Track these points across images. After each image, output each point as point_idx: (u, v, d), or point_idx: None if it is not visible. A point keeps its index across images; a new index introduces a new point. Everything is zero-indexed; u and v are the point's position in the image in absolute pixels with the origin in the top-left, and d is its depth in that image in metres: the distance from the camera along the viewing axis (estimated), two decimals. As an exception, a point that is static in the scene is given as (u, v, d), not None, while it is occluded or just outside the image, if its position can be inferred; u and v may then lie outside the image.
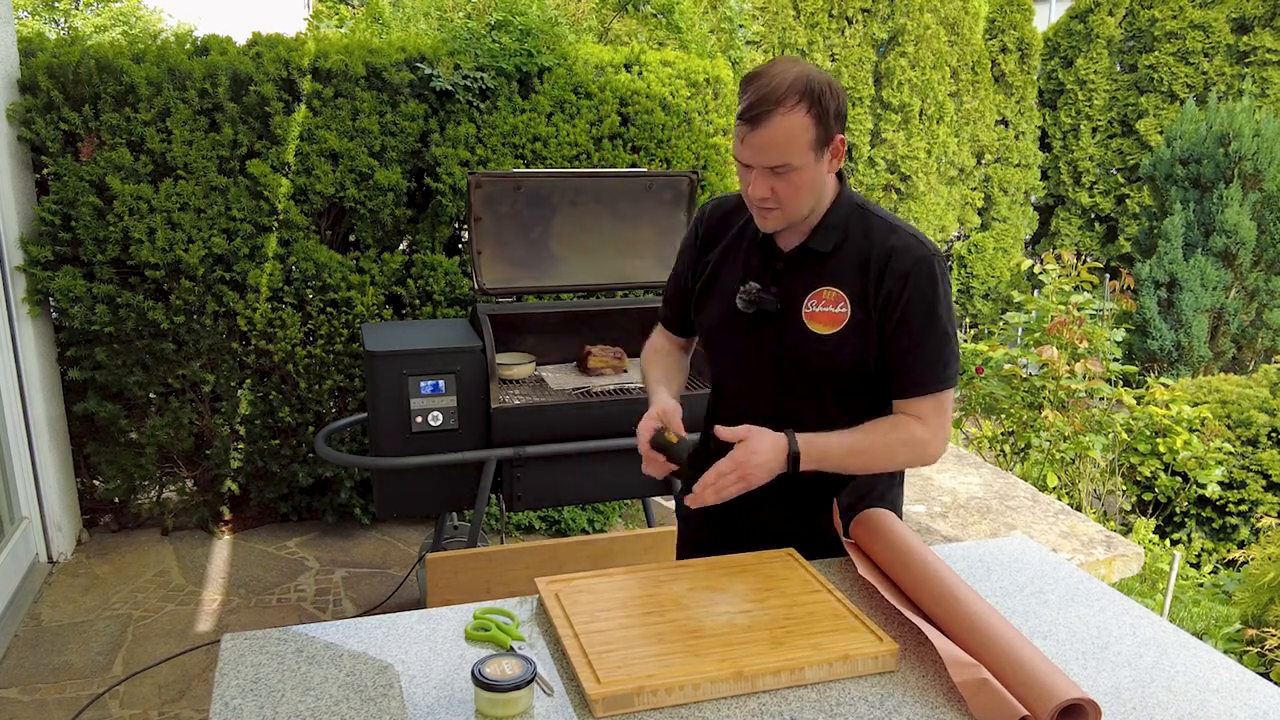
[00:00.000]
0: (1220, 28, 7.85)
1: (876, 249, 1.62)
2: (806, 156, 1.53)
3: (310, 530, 4.09)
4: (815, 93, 1.50)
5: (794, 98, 1.49)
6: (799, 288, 1.65)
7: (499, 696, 1.24)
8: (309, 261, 3.72)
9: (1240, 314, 6.82)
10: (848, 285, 1.62)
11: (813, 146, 1.53)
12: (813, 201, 1.61)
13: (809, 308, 1.64)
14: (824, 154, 1.56)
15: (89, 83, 3.48)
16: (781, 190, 1.55)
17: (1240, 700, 1.33)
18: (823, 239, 1.64)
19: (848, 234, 1.64)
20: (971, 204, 8.20)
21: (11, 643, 3.17)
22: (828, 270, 1.64)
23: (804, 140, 1.51)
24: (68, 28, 15.00)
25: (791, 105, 1.49)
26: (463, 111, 3.81)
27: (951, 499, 3.46)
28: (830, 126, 1.53)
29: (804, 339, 1.64)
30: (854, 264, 1.63)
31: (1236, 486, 4.48)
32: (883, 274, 1.60)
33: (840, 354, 1.63)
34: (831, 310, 1.62)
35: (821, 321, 1.63)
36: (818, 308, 1.63)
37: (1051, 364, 4.53)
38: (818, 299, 1.64)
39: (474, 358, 2.77)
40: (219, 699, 1.29)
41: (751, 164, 1.55)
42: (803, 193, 1.57)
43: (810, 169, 1.55)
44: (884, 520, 1.70)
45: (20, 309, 3.52)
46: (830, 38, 7.28)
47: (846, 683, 1.36)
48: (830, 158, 1.57)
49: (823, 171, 1.58)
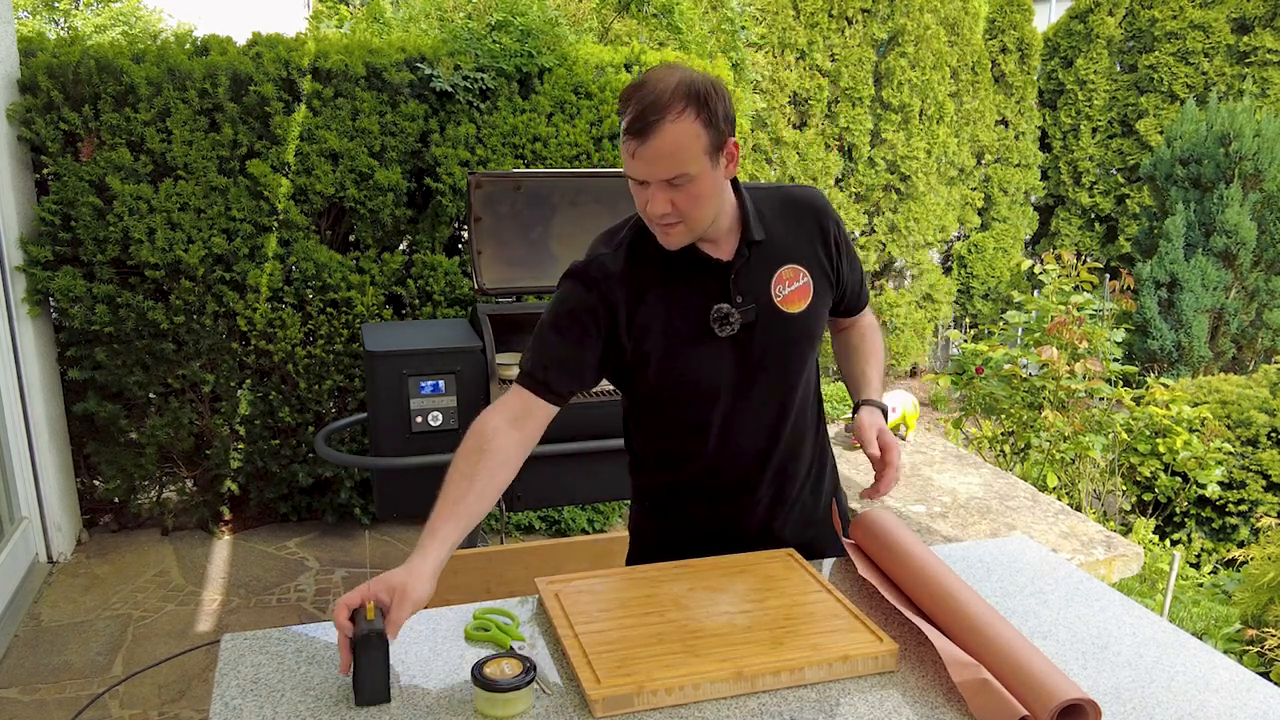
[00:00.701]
0: (1220, 28, 7.84)
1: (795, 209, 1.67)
2: (702, 163, 1.45)
3: (310, 530, 4.09)
4: (701, 96, 1.43)
5: (680, 104, 1.41)
6: (760, 283, 1.62)
7: (499, 696, 1.24)
8: (309, 261, 3.72)
9: (1240, 314, 6.82)
10: (798, 255, 1.65)
11: (707, 152, 1.46)
12: (715, 210, 1.53)
13: (778, 295, 1.62)
14: (719, 159, 1.49)
15: (89, 83, 3.48)
16: (681, 203, 1.48)
17: (1240, 700, 1.33)
18: (755, 229, 1.60)
19: (764, 214, 1.63)
20: (971, 204, 8.20)
21: (11, 643, 3.17)
22: (775, 252, 1.63)
23: (696, 147, 1.44)
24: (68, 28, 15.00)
25: (679, 112, 1.41)
26: (463, 112, 3.81)
27: (951, 499, 3.46)
28: (721, 130, 1.47)
29: (786, 327, 1.63)
30: (791, 233, 1.65)
31: (1236, 486, 4.48)
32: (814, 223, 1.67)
33: (815, 324, 1.67)
34: (796, 285, 1.64)
35: (794, 301, 1.63)
36: (786, 291, 1.63)
37: (1051, 364, 4.52)
38: (781, 282, 1.63)
39: (474, 358, 2.77)
40: (219, 699, 1.29)
41: (647, 179, 1.46)
42: (704, 202, 1.49)
43: (707, 176, 1.47)
44: (884, 520, 1.70)
45: (20, 309, 3.52)
46: (830, 38, 7.28)
47: (846, 683, 1.36)
48: (726, 163, 1.51)
49: (719, 178, 1.51)
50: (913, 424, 4.39)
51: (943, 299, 8.07)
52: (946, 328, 8.62)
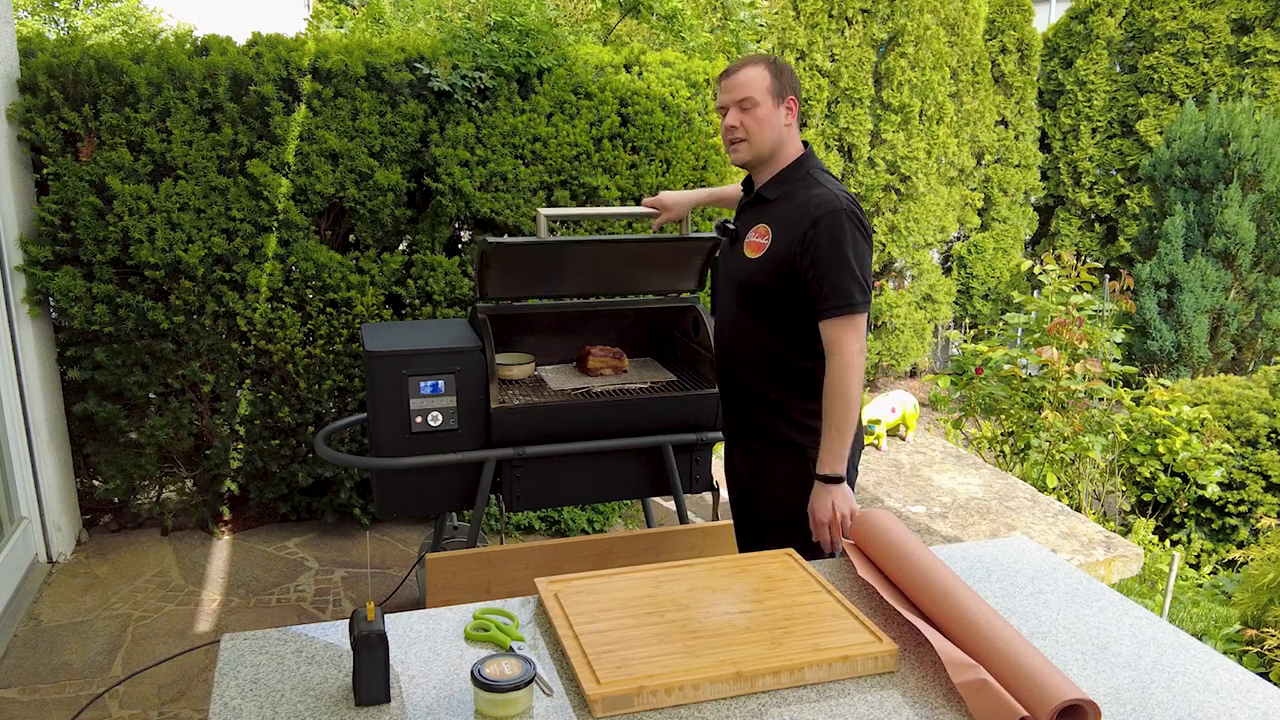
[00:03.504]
0: (1220, 28, 7.85)
1: (803, 201, 2.10)
2: (766, 97, 2.09)
3: (310, 530, 4.09)
4: (774, 60, 2.11)
5: (757, 60, 2.11)
6: (747, 224, 2.22)
7: (498, 697, 1.24)
8: (309, 261, 3.72)
9: (1240, 315, 6.82)
10: (775, 225, 2.14)
11: (771, 92, 2.09)
12: (773, 142, 2.13)
13: (748, 238, 2.20)
14: (780, 105, 2.11)
15: (89, 83, 3.48)
16: (747, 123, 2.11)
17: (1240, 701, 1.33)
18: (770, 189, 2.19)
19: (793, 189, 2.15)
20: (971, 204, 8.20)
21: (11, 643, 3.17)
22: (767, 212, 2.18)
23: (763, 84, 2.09)
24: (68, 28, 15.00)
25: (755, 62, 2.11)
26: (462, 112, 3.81)
27: (951, 499, 3.46)
28: (784, 86, 2.11)
29: (742, 261, 2.20)
30: (786, 211, 2.13)
31: (1236, 487, 4.48)
32: (802, 219, 2.08)
33: (757, 275, 2.16)
34: (759, 240, 2.16)
35: (752, 249, 2.18)
36: (751, 238, 2.19)
37: (1051, 365, 4.53)
38: (755, 232, 2.19)
39: (474, 358, 2.77)
40: (218, 699, 1.29)
41: (725, 104, 2.12)
42: (764, 128, 2.11)
43: (769, 109, 2.10)
44: (883, 521, 1.70)
45: (20, 309, 3.52)
46: (830, 38, 7.28)
47: (846, 683, 1.36)
48: (786, 112, 2.13)
49: (780, 119, 2.12)
50: (913, 424, 4.39)
51: (942, 299, 8.07)
52: (946, 328, 8.62)
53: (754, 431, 2.28)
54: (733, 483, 2.43)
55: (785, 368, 2.19)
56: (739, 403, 2.30)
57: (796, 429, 2.20)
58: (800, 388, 2.19)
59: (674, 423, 2.92)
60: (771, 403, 2.22)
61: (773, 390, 2.21)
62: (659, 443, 2.92)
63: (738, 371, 2.27)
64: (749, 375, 2.24)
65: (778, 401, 2.21)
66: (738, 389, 2.29)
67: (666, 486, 3.01)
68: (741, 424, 2.31)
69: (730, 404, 2.35)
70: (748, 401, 2.27)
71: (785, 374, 2.19)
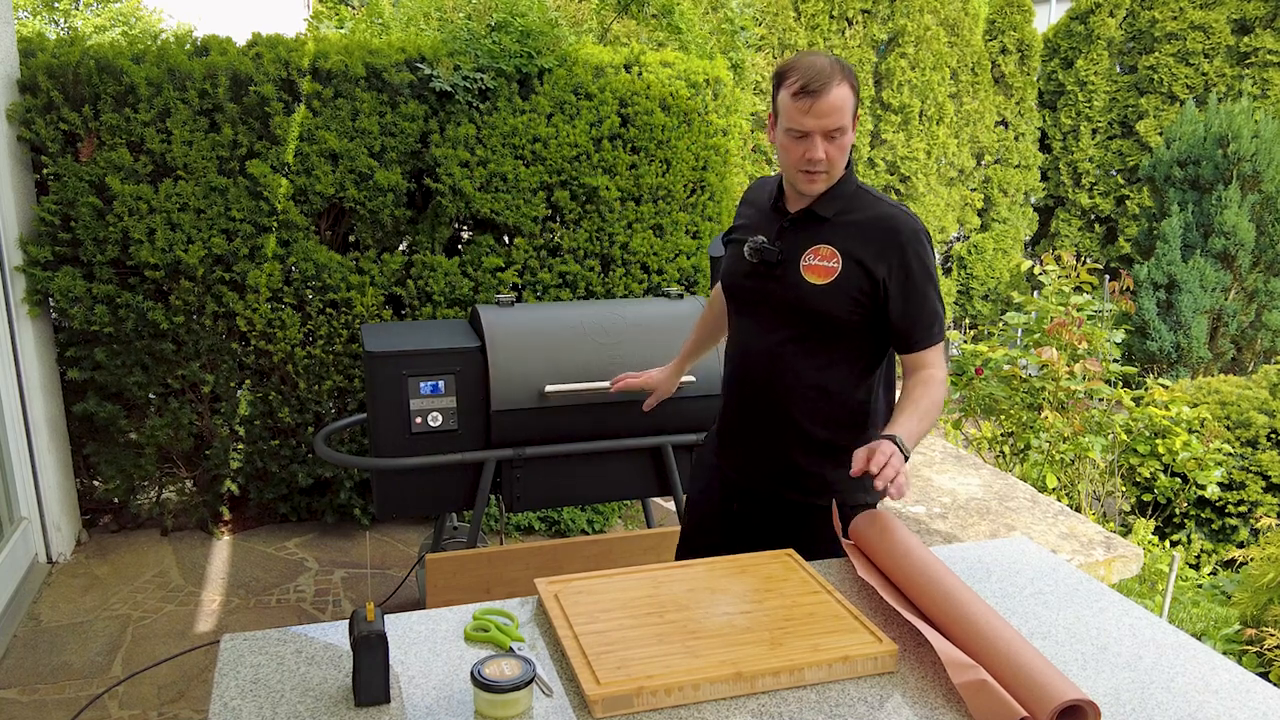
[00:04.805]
0: (1220, 29, 7.85)
1: (873, 221, 1.89)
2: (851, 123, 1.83)
3: (310, 531, 4.09)
4: (849, 73, 1.82)
5: (840, 74, 1.79)
6: (800, 244, 1.93)
7: (498, 697, 1.24)
8: (309, 262, 3.72)
9: (1239, 315, 6.82)
10: (843, 246, 1.89)
11: (853, 116, 1.84)
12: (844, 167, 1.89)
13: (807, 261, 1.91)
14: (854, 125, 1.85)
15: (89, 83, 3.48)
16: (832, 153, 1.83)
17: (1239, 701, 1.33)
18: (825, 205, 1.91)
19: (849, 205, 1.91)
20: (971, 205, 8.20)
21: (10, 643, 3.17)
22: (826, 231, 1.91)
23: (849, 109, 1.82)
24: (68, 28, 14.99)
25: (840, 79, 1.78)
26: (463, 112, 3.81)
27: (951, 500, 3.46)
28: (858, 104, 1.85)
29: (798, 286, 1.91)
30: (853, 230, 1.89)
31: (1236, 488, 4.48)
32: (884, 243, 1.87)
33: (828, 302, 1.89)
34: (826, 264, 1.90)
35: (817, 273, 1.90)
36: (814, 261, 1.91)
37: (1051, 365, 4.53)
38: (815, 254, 1.91)
39: (474, 358, 2.77)
40: (218, 699, 1.29)
41: (814, 130, 1.80)
42: (845, 156, 1.86)
43: (850, 135, 1.85)
44: (883, 521, 1.70)
45: (20, 309, 3.52)
46: (830, 39, 7.29)
47: (846, 684, 1.36)
48: (853, 130, 1.87)
49: (851, 140, 1.86)
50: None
51: (942, 300, 8.07)
52: (946, 328, 8.62)
53: (794, 479, 1.99)
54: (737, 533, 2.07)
55: (846, 404, 1.96)
56: (776, 446, 2.00)
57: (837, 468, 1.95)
58: (854, 425, 1.97)
59: (674, 423, 2.92)
60: (819, 444, 1.97)
61: (824, 429, 1.96)
62: (659, 443, 2.92)
63: (784, 410, 1.97)
64: (800, 414, 1.95)
65: (827, 442, 1.96)
66: (779, 431, 1.98)
67: (666, 486, 3.01)
68: (777, 471, 2.01)
69: (759, 449, 2.03)
70: (793, 445, 1.98)
71: (844, 411, 1.97)
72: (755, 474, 2.04)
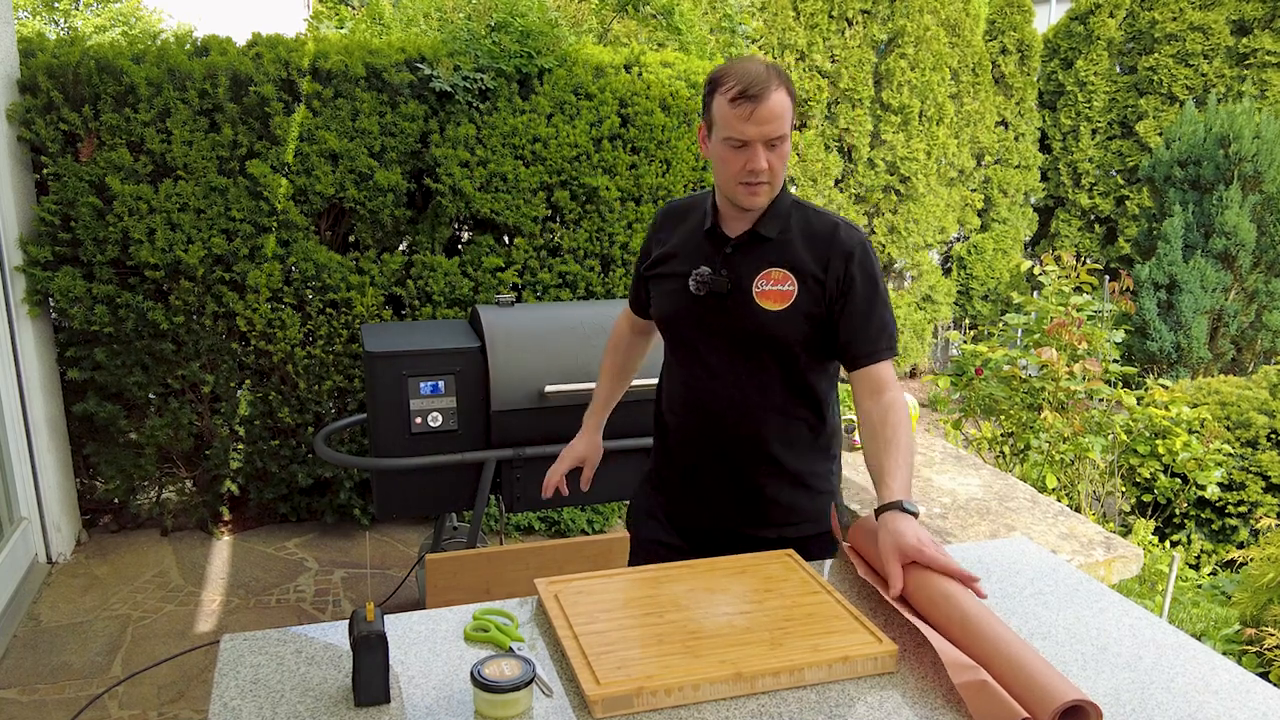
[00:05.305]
0: (1220, 30, 7.85)
1: (815, 235, 1.79)
2: (790, 130, 1.72)
3: (309, 531, 4.09)
4: (786, 79, 1.71)
5: (777, 79, 1.68)
6: (748, 270, 1.80)
7: (498, 697, 1.24)
8: (309, 262, 3.72)
9: (1240, 316, 6.82)
10: (793, 265, 1.78)
11: (791, 123, 1.72)
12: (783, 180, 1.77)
13: (759, 287, 1.79)
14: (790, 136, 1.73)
15: (89, 83, 3.48)
16: (774, 162, 1.71)
17: (1240, 701, 1.33)
18: (768, 225, 1.79)
19: (789, 221, 1.81)
20: (971, 205, 8.20)
21: (10, 643, 3.17)
22: (773, 252, 1.80)
23: (789, 116, 1.71)
24: (68, 28, 14.99)
25: (778, 84, 1.68)
26: (462, 112, 3.81)
27: (951, 500, 3.46)
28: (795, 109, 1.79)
29: (754, 314, 1.79)
30: (800, 247, 1.79)
31: (1236, 488, 4.47)
32: (829, 258, 1.77)
33: (786, 327, 1.79)
34: (780, 288, 1.79)
35: (772, 299, 1.79)
36: (768, 286, 1.79)
37: (1051, 365, 4.52)
38: (767, 279, 1.79)
39: (474, 358, 2.77)
40: (218, 699, 1.29)
41: (755, 139, 1.68)
42: (785, 166, 1.75)
43: (788, 144, 1.73)
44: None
45: (20, 309, 3.52)
46: (830, 39, 7.29)
47: (846, 684, 1.36)
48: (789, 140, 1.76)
49: (789, 150, 1.75)
50: (912, 425, 4.39)
51: (942, 300, 8.07)
52: (946, 329, 8.62)
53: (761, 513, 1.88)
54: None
55: (812, 430, 1.88)
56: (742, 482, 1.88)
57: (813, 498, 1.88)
58: (820, 450, 1.90)
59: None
60: (789, 474, 1.86)
61: (795, 458, 1.86)
62: (659, 443, 2.91)
63: (753, 443, 1.85)
64: (770, 444, 1.84)
65: (795, 472, 1.86)
66: (745, 464, 1.87)
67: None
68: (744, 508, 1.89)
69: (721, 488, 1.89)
70: (763, 477, 1.87)
71: (811, 437, 1.88)
72: (717, 514, 1.91)
